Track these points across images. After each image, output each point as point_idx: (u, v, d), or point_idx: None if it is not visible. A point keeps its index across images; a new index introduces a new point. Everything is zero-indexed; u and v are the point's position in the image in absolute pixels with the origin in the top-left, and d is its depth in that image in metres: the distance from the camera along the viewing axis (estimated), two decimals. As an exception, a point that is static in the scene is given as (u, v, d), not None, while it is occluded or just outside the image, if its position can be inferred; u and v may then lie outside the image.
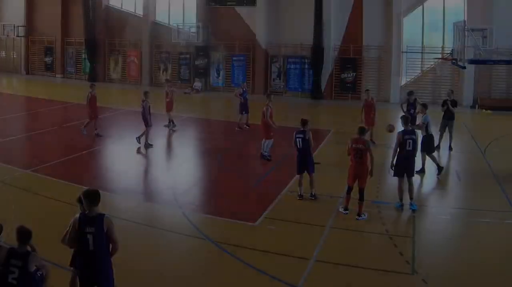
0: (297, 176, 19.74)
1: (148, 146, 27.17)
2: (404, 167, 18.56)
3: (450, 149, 27.63)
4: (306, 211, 18.34)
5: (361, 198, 17.77)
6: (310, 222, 17.28)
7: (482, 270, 14.03)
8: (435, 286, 13.11)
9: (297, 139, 19.21)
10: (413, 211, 18.24)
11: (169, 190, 20.57)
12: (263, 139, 25.10)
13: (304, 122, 19.47)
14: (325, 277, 13.53)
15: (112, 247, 10.36)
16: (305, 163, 19.25)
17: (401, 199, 18.62)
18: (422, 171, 22.16)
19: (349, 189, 18.11)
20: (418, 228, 16.96)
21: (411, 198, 18.53)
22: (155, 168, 24.85)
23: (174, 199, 19.48)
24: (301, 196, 19.31)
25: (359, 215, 17.74)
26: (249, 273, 13.53)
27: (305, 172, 19.42)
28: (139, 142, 27.21)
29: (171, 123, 32.21)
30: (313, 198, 19.04)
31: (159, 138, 28.98)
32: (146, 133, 27.32)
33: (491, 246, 15.76)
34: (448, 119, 27.40)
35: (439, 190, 21.72)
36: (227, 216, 17.75)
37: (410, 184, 18.61)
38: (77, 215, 10.40)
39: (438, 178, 20.53)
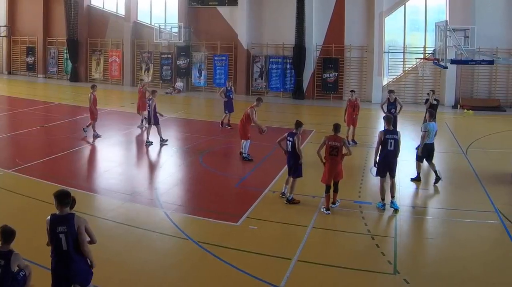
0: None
1: (148, 143, 27.56)
2: (386, 167, 18.55)
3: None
4: (288, 211, 18.32)
5: (335, 190, 18.31)
6: (292, 222, 17.31)
7: (464, 270, 14.07)
8: (417, 286, 13.12)
9: (288, 141, 19.10)
10: (395, 210, 18.29)
11: (150, 190, 20.62)
12: (242, 140, 25.14)
13: (296, 125, 19.24)
14: (307, 277, 13.51)
15: (81, 247, 10.27)
16: (289, 165, 19.20)
17: (383, 199, 18.65)
18: (417, 179, 21.86)
19: (327, 188, 18.22)
20: (400, 228, 16.98)
21: (392, 197, 18.62)
22: (137, 168, 24.77)
23: (156, 198, 19.45)
24: (283, 194, 19.36)
25: (333, 203, 18.30)
26: (231, 273, 13.50)
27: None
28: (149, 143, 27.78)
29: (142, 122, 32.43)
30: (287, 203, 18.88)
31: (140, 137, 28.88)
32: (147, 131, 27.79)
33: (473, 246, 15.79)
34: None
35: (421, 190, 21.61)
36: (209, 215, 17.74)
37: (393, 184, 18.67)
38: (49, 217, 10.39)
39: (435, 186, 20.37)
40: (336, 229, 16.99)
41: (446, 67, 24.79)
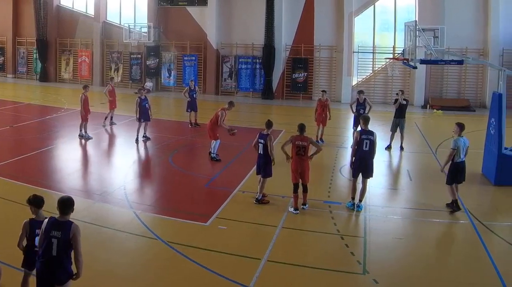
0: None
1: (137, 140, 27.90)
2: (361, 167, 18.58)
3: (401, 148, 27.89)
4: (258, 211, 18.33)
5: (305, 190, 18.45)
6: (261, 222, 17.30)
7: (434, 269, 14.12)
8: (386, 286, 13.17)
9: (259, 144, 19.07)
10: (358, 211, 18.37)
11: (120, 190, 20.43)
12: (212, 140, 25.15)
13: (267, 125, 19.40)
14: (276, 277, 13.54)
15: (75, 257, 10.23)
16: (259, 165, 19.19)
17: (353, 198, 18.75)
18: (456, 207, 18.62)
19: (295, 187, 18.31)
20: (369, 228, 17.00)
21: (360, 200, 18.65)
22: (106, 168, 24.65)
23: (126, 198, 19.38)
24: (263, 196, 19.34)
25: (304, 204, 18.45)
26: (201, 273, 13.49)
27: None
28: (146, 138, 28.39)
29: (110, 119, 33.08)
30: (257, 203, 18.90)
31: (111, 138, 28.73)
32: (138, 128, 28.09)
33: (443, 246, 15.96)
34: (398, 118, 27.76)
35: (390, 190, 21.83)
36: (178, 216, 17.71)
37: (364, 186, 18.69)
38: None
39: (452, 209, 19.88)
40: (306, 229, 17.01)
41: (415, 67, 24.86)
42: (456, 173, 18.30)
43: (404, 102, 27.60)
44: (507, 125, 22.19)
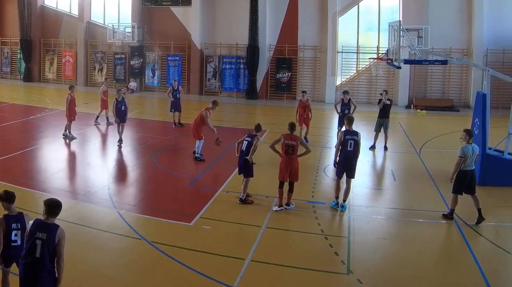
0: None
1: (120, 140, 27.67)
2: (345, 167, 18.61)
3: (385, 148, 27.99)
4: (242, 211, 18.34)
5: (290, 190, 18.50)
6: (246, 222, 17.31)
7: (417, 269, 14.17)
8: (370, 286, 13.18)
9: (245, 141, 19.04)
10: (342, 211, 18.43)
11: (104, 190, 20.39)
12: (196, 140, 25.15)
13: (256, 128, 19.28)
14: (260, 277, 13.54)
15: (57, 261, 10.16)
16: (240, 165, 19.23)
17: (337, 197, 18.78)
18: (451, 217, 18.13)
19: (281, 184, 18.41)
20: (353, 228, 17.04)
21: (344, 200, 18.69)
22: (90, 168, 24.49)
23: (109, 198, 19.36)
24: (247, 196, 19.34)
25: (287, 204, 18.48)
26: (185, 273, 13.48)
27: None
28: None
29: (100, 119, 33.13)
30: (240, 203, 18.87)
31: (94, 137, 28.66)
32: (118, 129, 27.84)
33: (427, 246, 15.86)
34: (382, 118, 27.88)
35: (374, 190, 21.89)
36: (162, 216, 17.69)
37: (348, 186, 18.72)
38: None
39: (450, 218, 19.47)
40: (290, 229, 17.05)
41: (399, 67, 24.87)
42: (463, 181, 17.60)
43: (388, 102, 27.67)
44: (491, 125, 22.24)
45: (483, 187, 19.81)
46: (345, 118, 19.99)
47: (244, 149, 18.95)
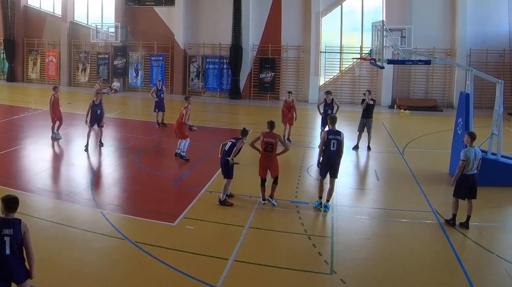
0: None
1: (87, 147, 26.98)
2: (328, 167, 18.65)
3: (369, 148, 28.01)
4: (225, 211, 18.34)
5: (275, 182, 18.81)
6: (229, 222, 17.31)
7: (401, 269, 14.21)
8: (354, 286, 13.19)
9: (229, 142, 19.03)
10: (325, 211, 18.44)
11: (87, 190, 20.38)
12: (180, 140, 25.20)
13: (243, 133, 19.25)
14: (244, 277, 13.53)
15: (27, 254, 10.20)
16: (221, 165, 19.25)
17: (320, 197, 18.85)
18: (453, 224, 17.67)
19: (263, 181, 18.86)
20: (336, 228, 17.03)
21: (327, 200, 18.71)
22: (73, 168, 24.42)
23: (93, 198, 19.33)
24: (230, 195, 19.41)
25: (271, 197, 18.83)
26: (168, 273, 13.47)
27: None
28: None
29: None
30: (219, 204, 18.81)
31: (78, 138, 28.54)
32: (88, 133, 27.21)
33: (410, 246, 15.86)
34: (366, 118, 27.89)
35: (358, 190, 21.91)
36: (146, 216, 17.65)
37: (332, 186, 18.73)
38: None
39: (452, 224, 19.36)
40: (273, 229, 17.07)
41: (382, 67, 24.89)
42: (464, 185, 17.22)
43: (371, 102, 27.66)
44: (474, 125, 22.29)
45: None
46: (328, 118, 20.06)
47: (226, 149, 18.93)
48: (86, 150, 26.32)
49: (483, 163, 18.04)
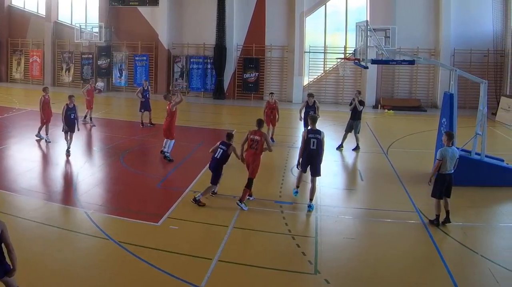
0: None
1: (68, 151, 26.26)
2: (308, 163, 19.00)
3: (357, 148, 28.13)
4: (209, 211, 18.35)
5: (248, 186, 18.80)
6: (213, 222, 17.32)
7: (385, 269, 14.24)
8: (338, 286, 13.21)
9: (220, 149, 19.12)
10: (309, 211, 18.59)
11: (72, 190, 20.37)
12: (166, 139, 25.18)
13: (228, 136, 19.35)
14: (228, 277, 13.53)
15: (8, 250, 10.16)
16: (212, 171, 19.33)
17: (297, 187, 19.91)
18: (437, 223, 17.69)
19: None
20: (320, 228, 17.07)
21: (310, 200, 18.88)
22: (58, 168, 24.35)
23: (77, 199, 19.30)
24: (213, 193, 19.64)
25: (241, 201, 18.60)
26: (152, 273, 13.47)
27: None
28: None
29: (90, 120, 33.28)
30: (193, 201, 18.85)
31: (62, 138, 28.40)
32: (65, 137, 26.70)
33: (394, 246, 15.92)
34: (354, 119, 27.94)
35: (342, 190, 21.86)
36: (130, 216, 17.62)
37: (313, 185, 18.90)
38: None
39: (436, 224, 19.40)
40: (257, 229, 17.02)
41: (366, 67, 24.90)
42: (441, 185, 17.34)
43: (361, 108, 27.86)
44: (458, 125, 22.38)
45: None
46: (309, 117, 20.56)
47: (218, 157, 19.00)
48: (68, 154, 25.73)
49: (467, 163, 18.18)
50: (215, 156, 19.07)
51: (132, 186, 21.52)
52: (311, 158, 18.78)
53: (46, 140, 28.42)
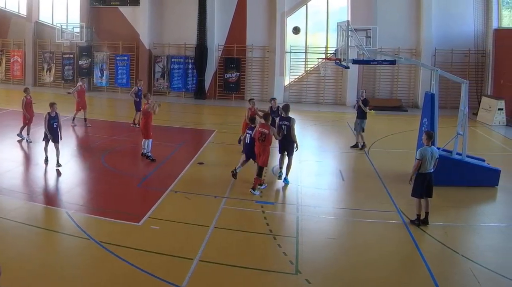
0: None
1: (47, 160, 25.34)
2: (283, 146, 21.76)
3: (356, 146, 28.52)
4: (190, 211, 18.44)
5: (258, 174, 20.43)
6: (194, 222, 17.29)
7: (366, 269, 14.24)
8: (319, 286, 13.23)
9: (246, 135, 21.34)
10: (286, 184, 21.27)
11: (53, 190, 20.46)
12: (143, 139, 25.22)
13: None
14: (209, 277, 13.55)
15: None
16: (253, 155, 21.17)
17: (281, 168, 21.97)
18: (418, 223, 17.66)
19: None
20: (301, 228, 17.05)
21: (286, 174, 21.70)
22: (39, 168, 24.09)
23: (58, 198, 19.34)
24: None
25: (253, 189, 20.15)
26: (133, 273, 13.45)
27: None
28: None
29: (85, 121, 33.23)
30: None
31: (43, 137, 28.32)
32: (45, 147, 26.10)
33: (376, 246, 15.95)
34: (359, 118, 28.22)
35: (323, 190, 21.69)
36: (111, 216, 17.57)
37: (289, 162, 21.74)
38: None
39: (417, 224, 19.38)
40: (238, 229, 16.99)
41: (347, 67, 24.90)
42: (421, 184, 17.30)
43: (366, 107, 28.19)
44: (440, 125, 22.48)
45: (431, 186, 19.90)
46: (282, 107, 22.11)
47: (248, 142, 21.32)
48: (46, 162, 24.19)
49: (448, 163, 18.24)
50: (246, 141, 21.44)
51: (113, 185, 21.49)
52: (285, 140, 21.37)
53: (27, 141, 28.30)
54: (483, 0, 42.94)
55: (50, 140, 23.82)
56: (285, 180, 21.56)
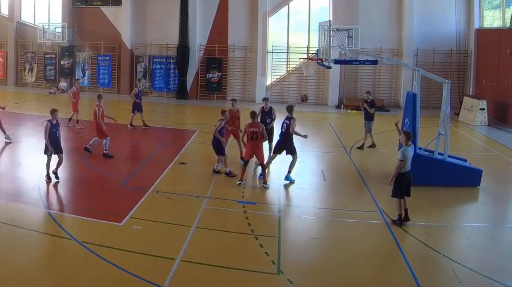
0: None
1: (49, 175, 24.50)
2: (282, 147, 22.13)
3: (362, 147, 28.73)
4: (172, 211, 18.44)
5: (263, 170, 21.68)
6: (176, 222, 17.31)
7: (348, 269, 14.29)
8: (301, 286, 13.25)
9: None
10: (291, 182, 21.75)
11: (34, 190, 20.22)
12: (96, 138, 25.66)
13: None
14: (191, 277, 13.56)
15: None
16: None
17: (264, 169, 21.93)
18: (401, 223, 17.81)
19: (245, 163, 21.78)
20: (283, 228, 17.13)
21: (289, 172, 21.89)
22: (21, 168, 24.19)
23: (40, 198, 19.25)
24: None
25: (265, 183, 21.31)
26: (115, 273, 13.43)
27: None
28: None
29: (77, 123, 33.39)
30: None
31: (25, 137, 28.15)
32: (47, 163, 26.30)
33: (358, 246, 16.01)
34: (367, 120, 28.41)
35: (305, 190, 21.68)
36: (92, 216, 17.53)
37: (292, 161, 21.89)
38: None
39: (399, 224, 19.39)
40: (220, 229, 17.00)
41: (329, 67, 24.90)
42: (403, 184, 17.39)
43: (373, 110, 28.45)
44: (421, 125, 22.50)
45: (413, 187, 19.90)
46: (286, 107, 22.75)
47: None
48: (49, 179, 22.28)
49: (430, 163, 18.36)
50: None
51: (95, 186, 21.46)
52: (281, 139, 21.85)
53: (6, 139, 28.19)
54: (465, 0, 43.10)
55: (53, 153, 22.05)
56: (288, 178, 21.85)
